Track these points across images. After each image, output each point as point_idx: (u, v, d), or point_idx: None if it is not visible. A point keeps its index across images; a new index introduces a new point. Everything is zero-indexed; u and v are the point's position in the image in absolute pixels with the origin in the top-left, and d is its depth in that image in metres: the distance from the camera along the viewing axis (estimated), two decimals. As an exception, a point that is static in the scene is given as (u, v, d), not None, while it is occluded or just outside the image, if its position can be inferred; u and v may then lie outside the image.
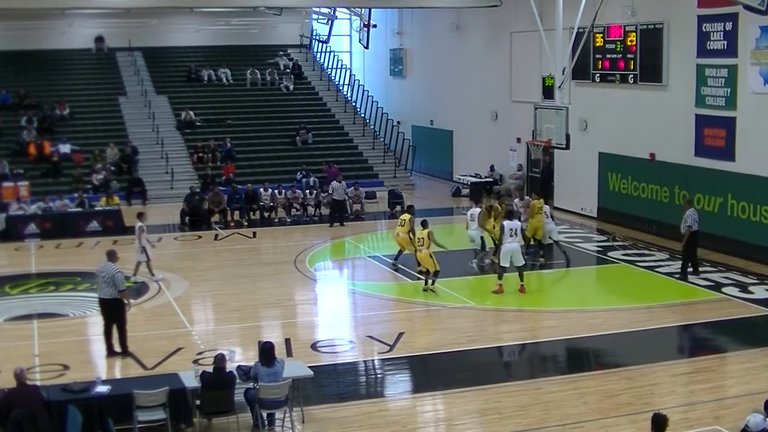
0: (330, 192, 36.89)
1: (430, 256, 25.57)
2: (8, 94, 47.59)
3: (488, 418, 16.81)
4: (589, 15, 31.14)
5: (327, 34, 53.20)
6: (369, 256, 29.61)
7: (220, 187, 39.52)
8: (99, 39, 53.25)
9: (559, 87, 31.40)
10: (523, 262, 25.73)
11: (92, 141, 45.19)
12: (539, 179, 39.91)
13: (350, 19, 54.87)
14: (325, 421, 16.74)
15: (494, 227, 27.67)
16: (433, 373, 19.76)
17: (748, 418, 13.33)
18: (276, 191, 38.36)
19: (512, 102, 41.37)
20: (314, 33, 56.08)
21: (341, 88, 54.45)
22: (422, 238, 25.89)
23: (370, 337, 21.93)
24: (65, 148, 44.03)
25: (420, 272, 26.84)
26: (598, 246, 32.15)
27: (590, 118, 36.02)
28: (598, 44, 35.06)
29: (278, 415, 16.41)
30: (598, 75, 35.44)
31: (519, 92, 40.78)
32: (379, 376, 20.13)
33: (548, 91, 36.11)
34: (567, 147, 30.92)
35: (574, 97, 34.62)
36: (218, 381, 15.86)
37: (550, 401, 17.55)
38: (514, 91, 41.41)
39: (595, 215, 36.09)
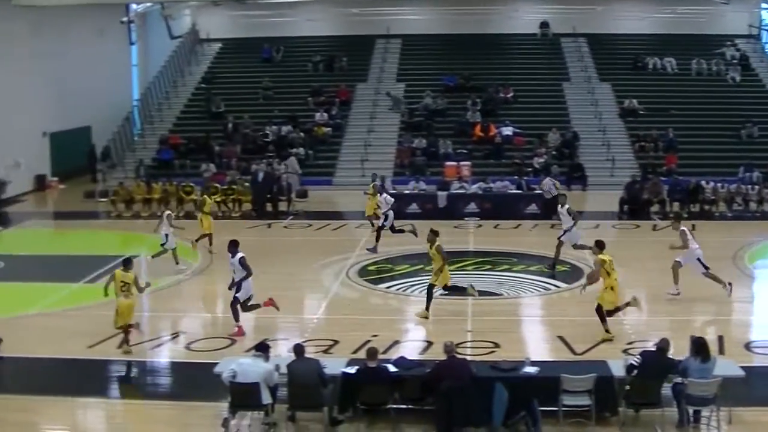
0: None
1: None
2: (454, 76, 49.45)
3: None
4: None
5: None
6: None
7: (661, 177, 39.03)
8: (544, 24, 54.21)
9: None
10: None
11: (533, 125, 46.10)
12: None
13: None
14: (753, 424, 16.14)
15: None
16: None
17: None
18: (718, 185, 37.37)
19: None
20: (763, 23, 53.96)
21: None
22: None
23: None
24: (507, 130, 45.16)
25: None
26: None
27: None
28: None
29: (705, 413, 16.01)
30: None
31: None
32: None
33: None
34: None
35: None
36: (659, 367, 15.71)
37: None
38: None
39: None
